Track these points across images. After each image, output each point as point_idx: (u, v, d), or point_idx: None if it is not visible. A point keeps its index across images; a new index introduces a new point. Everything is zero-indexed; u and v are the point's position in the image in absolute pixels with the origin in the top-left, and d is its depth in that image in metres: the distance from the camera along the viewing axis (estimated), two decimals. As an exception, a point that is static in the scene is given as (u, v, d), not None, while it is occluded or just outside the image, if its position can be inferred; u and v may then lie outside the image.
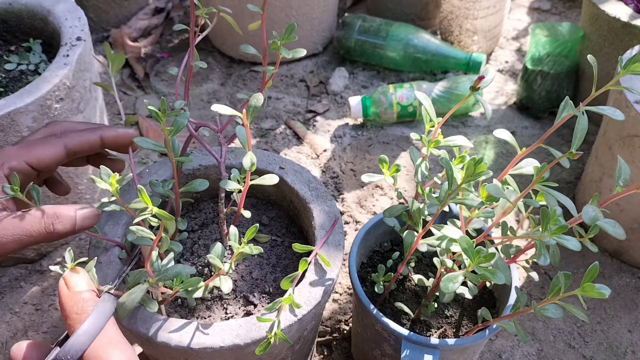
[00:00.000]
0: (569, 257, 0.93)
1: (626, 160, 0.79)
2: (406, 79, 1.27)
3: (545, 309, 0.49)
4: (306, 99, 1.23)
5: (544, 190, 0.50)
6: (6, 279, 0.87)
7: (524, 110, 1.20)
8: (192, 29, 0.56)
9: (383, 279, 0.63)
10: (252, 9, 0.56)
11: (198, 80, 1.26)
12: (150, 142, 0.52)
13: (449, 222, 0.56)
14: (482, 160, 0.48)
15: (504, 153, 1.12)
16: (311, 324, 0.60)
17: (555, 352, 0.82)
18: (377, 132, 1.15)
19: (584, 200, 0.97)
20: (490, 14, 1.26)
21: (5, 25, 0.92)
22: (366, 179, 0.60)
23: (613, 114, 0.48)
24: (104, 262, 0.57)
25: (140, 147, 0.52)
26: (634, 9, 1.00)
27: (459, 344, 0.57)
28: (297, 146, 1.12)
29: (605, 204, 0.49)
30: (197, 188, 0.56)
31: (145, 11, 1.40)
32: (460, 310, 0.66)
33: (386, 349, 0.63)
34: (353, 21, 1.28)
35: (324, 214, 0.62)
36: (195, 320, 0.59)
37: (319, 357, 0.80)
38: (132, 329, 0.52)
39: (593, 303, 0.88)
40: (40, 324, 0.83)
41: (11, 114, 0.71)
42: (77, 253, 0.91)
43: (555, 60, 1.11)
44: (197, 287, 0.52)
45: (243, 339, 0.51)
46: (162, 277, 0.48)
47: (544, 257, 0.50)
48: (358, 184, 1.05)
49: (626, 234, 0.48)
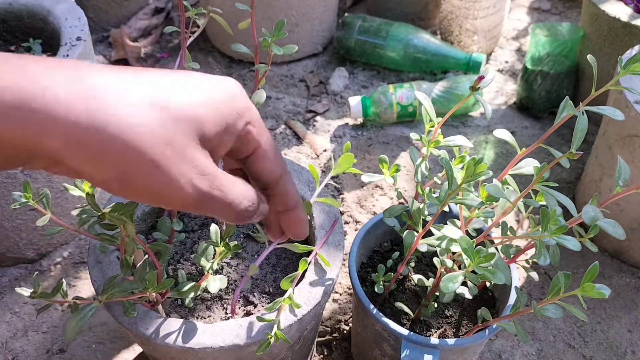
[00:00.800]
0: (569, 257, 0.93)
1: (626, 160, 0.79)
2: (406, 79, 1.27)
3: (545, 309, 0.49)
4: (306, 99, 1.23)
5: (544, 190, 0.50)
6: (6, 279, 0.88)
7: (524, 110, 1.20)
8: (183, 30, 0.56)
9: (383, 279, 0.63)
10: (241, 7, 0.56)
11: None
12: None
13: (449, 222, 0.56)
14: (482, 160, 0.48)
15: (504, 153, 1.12)
16: (311, 324, 0.60)
17: (555, 352, 0.82)
18: (377, 132, 1.15)
19: (584, 200, 0.97)
20: (490, 14, 1.26)
21: (5, 25, 0.92)
22: (366, 179, 0.60)
23: (613, 114, 0.48)
24: (104, 263, 0.57)
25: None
26: (634, 9, 1.00)
27: (459, 344, 0.57)
28: (297, 146, 1.12)
29: (605, 204, 0.49)
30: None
31: (145, 11, 1.40)
32: (460, 310, 0.66)
33: (386, 349, 0.63)
34: (353, 21, 1.28)
35: (324, 214, 0.62)
36: (195, 320, 0.59)
37: (319, 357, 0.80)
38: (132, 329, 0.52)
39: (593, 303, 0.88)
40: (40, 324, 0.83)
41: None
42: (77, 253, 0.91)
43: (555, 60, 1.11)
44: (188, 290, 0.52)
45: (243, 339, 0.51)
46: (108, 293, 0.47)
47: (544, 257, 0.50)
48: (358, 184, 1.05)
49: (626, 234, 0.48)
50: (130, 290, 0.47)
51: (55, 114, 0.27)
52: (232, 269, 0.64)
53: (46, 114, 0.27)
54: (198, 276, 0.63)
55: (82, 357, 0.79)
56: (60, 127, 0.27)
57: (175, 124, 0.29)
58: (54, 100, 0.27)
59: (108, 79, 0.29)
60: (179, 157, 0.29)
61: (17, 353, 0.79)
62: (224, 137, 0.32)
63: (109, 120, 0.28)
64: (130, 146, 0.28)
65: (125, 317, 0.52)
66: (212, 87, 0.31)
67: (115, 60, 1.28)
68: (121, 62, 1.29)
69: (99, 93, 0.28)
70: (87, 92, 0.28)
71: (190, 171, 0.30)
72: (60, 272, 0.89)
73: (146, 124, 0.28)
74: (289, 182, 0.37)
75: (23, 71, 0.27)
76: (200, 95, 0.31)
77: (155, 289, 0.49)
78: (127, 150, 0.28)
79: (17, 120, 0.27)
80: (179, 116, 0.29)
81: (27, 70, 0.27)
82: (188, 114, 0.30)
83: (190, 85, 0.31)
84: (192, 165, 0.30)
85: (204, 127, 0.30)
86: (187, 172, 0.30)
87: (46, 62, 0.28)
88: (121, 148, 0.28)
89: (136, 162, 0.29)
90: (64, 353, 0.79)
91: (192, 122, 0.30)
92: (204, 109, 0.30)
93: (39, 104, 0.27)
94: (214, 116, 0.31)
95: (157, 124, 0.29)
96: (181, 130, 0.29)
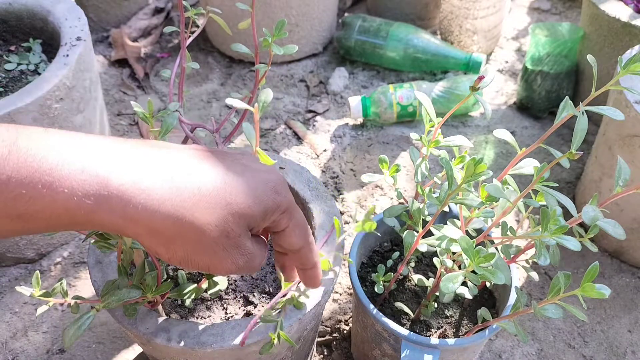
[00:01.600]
0: (569, 257, 0.93)
1: (626, 160, 0.79)
2: (406, 79, 1.27)
3: (545, 309, 0.49)
4: (306, 99, 1.23)
5: (544, 190, 0.50)
6: (6, 279, 0.88)
7: (524, 110, 1.20)
8: (183, 30, 0.56)
9: (383, 279, 0.63)
10: (241, 7, 0.56)
11: (198, 80, 1.26)
12: None
13: (449, 222, 0.56)
14: (482, 160, 0.48)
15: (504, 153, 1.12)
16: (311, 324, 0.60)
17: (555, 352, 0.82)
18: (377, 132, 1.15)
19: (584, 200, 0.97)
20: (490, 14, 1.26)
21: (5, 25, 0.92)
22: (366, 179, 0.60)
23: (613, 114, 0.48)
24: (104, 263, 0.57)
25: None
26: (634, 9, 1.00)
27: (459, 344, 0.57)
28: (297, 146, 1.12)
29: (605, 204, 0.49)
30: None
31: (145, 11, 1.40)
32: (460, 310, 0.66)
33: (386, 349, 0.63)
34: (353, 21, 1.28)
35: (324, 214, 0.62)
36: (195, 320, 0.59)
37: (319, 357, 0.80)
38: (132, 329, 0.52)
39: (593, 303, 0.88)
40: (40, 324, 0.83)
41: (11, 113, 0.71)
42: (77, 253, 0.91)
43: (555, 60, 1.11)
44: (188, 292, 0.52)
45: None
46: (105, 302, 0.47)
47: (544, 257, 0.50)
48: (358, 184, 1.05)
49: (626, 234, 0.48)
50: (127, 298, 0.47)
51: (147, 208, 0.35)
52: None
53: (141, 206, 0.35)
54: (198, 276, 0.63)
55: (82, 357, 0.79)
56: (146, 218, 0.35)
57: (233, 218, 0.38)
58: (149, 198, 0.35)
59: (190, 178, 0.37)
60: (232, 246, 0.39)
61: (17, 353, 0.79)
62: (263, 223, 0.41)
63: (187, 214, 0.36)
64: (202, 238, 0.37)
65: (125, 318, 0.52)
66: (261, 186, 0.40)
67: (115, 60, 1.28)
68: (121, 62, 1.29)
69: (181, 191, 0.36)
70: (172, 191, 0.36)
71: (237, 255, 0.39)
72: (60, 272, 0.89)
73: (214, 221, 0.37)
74: (309, 251, 0.45)
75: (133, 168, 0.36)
76: (252, 194, 0.39)
77: (154, 293, 0.49)
78: (198, 240, 0.37)
79: (114, 211, 0.35)
80: (237, 212, 0.38)
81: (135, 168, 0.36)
82: (243, 212, 0.38)
83: (246, 184, 0.39)
84: (240, 250, 0.39)
85: (252, 220, 0.39)
86: (236, 256, 0.39)
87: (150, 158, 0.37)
88: (194, 237, 0.37)
89: (201, 250, 0.37)
90: (64, 353, 0.79)
91: (245, 217, 0.38)
92: (255, 207, 0.39)
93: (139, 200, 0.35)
94: (260, 211, 0.39)
95: (222, 219, 0.37)
96: (237, 224, 0.38)
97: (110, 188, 0.34)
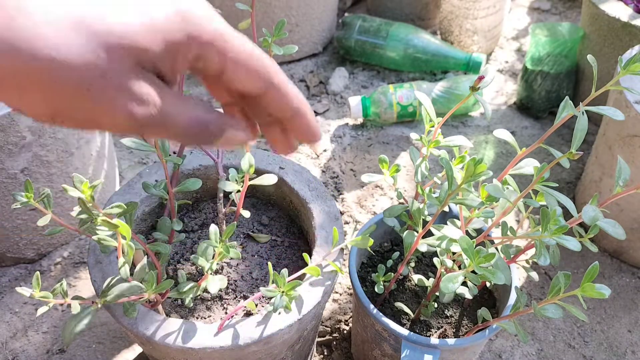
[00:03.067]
0: (569, 257, 0.93)
1: (626, 160, 0.79)
2: (406, 79, 1.27)
3: (545, 309, 0.49)
4: (306, 99, 1.23)
5: (544, 190, 0.50)
6: (6, 279, 0.87)
7: (524, 110, 1.20)
8: None
9: (383, 279, 0.63)
10: (241, 7, 0.56)
11: (198, 80, 1.26)
12: (138, 142, 0.52)
13: (449, 222, 0.56)
14: (482, 160, 0.48)
15: (504, 153, 1.12)
16: (311, 324, 0.60)
17: (555, 352, 0.82)
18: (377, 132, 1.15)
19: (584, 200, 0.97)
20: (490, 14, 1.26)
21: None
22: (366, 179, 0.60)
23: (613, 114, 0.48)
24: (104, 263, 0.57)
25: (129, 147, 0.52)
26: (634, 9, 1.00)
27: (459, 344, 0.57)
28: (297, 146, 1.12)
29: (605, 204, 0.49)
30: (190, 187, 0.56)
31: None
32: (460, 310, 0.66)
33: (386, 349, 0.63)
34: (353, 21, 1.28)
35: (324, 214, 0.62)
36: (195, 320, 0.59)
37: (319, 357, 0.80)
38: (132, 329, 0.52)
39: (593, 303, 0.88)
40: (40, 324, 0.83)
41: (11, 113, 0.71)
42: (77, 253, 0.91)
43: (555, 60, 1.11)
44: (188, 291, 0.52)
45: (243, 339, 0.51)
46: (105, 297, 0.47)
47: (544, 257, 0.50)
48: (358, 184, 1.05)
49: (626, 234, 0.48)
50: (128, 294, 0.47)
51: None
52: (232, 269, 0.64)
53: None
54: (198, 276, 0.63)
55: (82, 357, 0.79)
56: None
57: (107, 53, 0.26)
58: None
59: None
60: (115, 88, 0.27)
61: (17, 353, 0.79)
62: (174, 61, 0.29)
63: (26, 45, 0.24)
64: (61, 79, 0.25)
65: (125, 318, 0.52)
66: (159, 8, 0.28)
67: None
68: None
69: (21, 12, 0.24)
70: (9, 11, 0.24)
71: (126, 100, 0.27)
72: (60, 272, 0.89)
73: (76, 56, 0.25)
74: (280, 94, 0.32)
75: None
76: (140, 18, 0.27)
77: (154, 290, 0.49)
78: (58, 82, 0.25)
79: None
80: (112, 44, 0.26)
81: None
82: (122, 43, 0.26)
83: (132, 5, 0.27)
84: (129, 93, 0.27)
85: (144, 55, 0.27)
86: (125, 102, 0.27)
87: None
88: (48, 78, 0.25)
89: (69, 97, 0.26)
90: (64, 353, 0.79)
91: (129, 50, 0.27)
92: (146, 36, 0.27)
93: None
94: (156, 43, 0.27)
95: (89, 52, 0.25)
96: (114, 60, 0.26)
97: None
